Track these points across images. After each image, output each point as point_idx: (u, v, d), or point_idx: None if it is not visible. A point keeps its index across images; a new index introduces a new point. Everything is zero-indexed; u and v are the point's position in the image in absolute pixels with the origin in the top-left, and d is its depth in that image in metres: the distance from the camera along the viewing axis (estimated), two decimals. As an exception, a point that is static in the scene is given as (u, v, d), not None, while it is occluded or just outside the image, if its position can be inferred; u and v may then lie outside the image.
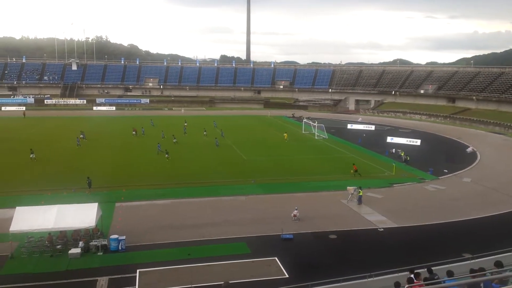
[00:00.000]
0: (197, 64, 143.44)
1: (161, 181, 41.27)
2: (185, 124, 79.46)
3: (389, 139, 67.06)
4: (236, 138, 67.94)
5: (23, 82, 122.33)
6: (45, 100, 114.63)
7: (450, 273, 14.46)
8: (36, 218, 24.96)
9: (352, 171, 45.14)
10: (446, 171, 47.60)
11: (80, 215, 25.55)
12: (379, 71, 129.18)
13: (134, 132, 67.55)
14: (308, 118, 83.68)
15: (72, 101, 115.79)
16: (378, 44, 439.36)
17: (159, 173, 44.53)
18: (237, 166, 48.88)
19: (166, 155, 51.52)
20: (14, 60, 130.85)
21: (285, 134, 68.09)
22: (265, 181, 42.04)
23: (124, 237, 25.75)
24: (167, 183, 40.86)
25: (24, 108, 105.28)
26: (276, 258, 24.61)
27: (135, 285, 21.49)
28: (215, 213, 32.34)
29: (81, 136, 62.54)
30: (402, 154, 53.89)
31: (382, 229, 29.70)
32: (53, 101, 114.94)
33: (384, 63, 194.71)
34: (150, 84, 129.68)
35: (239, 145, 61.52)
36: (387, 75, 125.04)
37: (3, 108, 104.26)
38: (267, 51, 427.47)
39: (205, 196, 36.59)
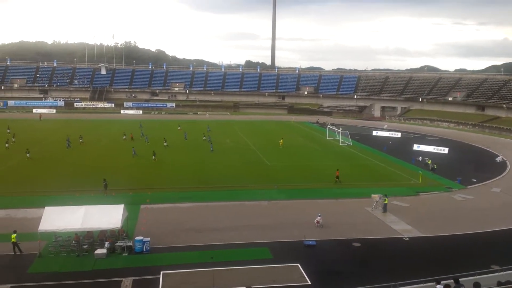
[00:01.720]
0: (222, 70, 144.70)
1: (185, 184, 41.70)
2: (179, 128, 79.72)
3: (415, 147, 65.96)
4: (260, 143, 68.07)
5: (54, 85, 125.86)
6: (75, 104, 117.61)
7: (477, 285, 14.12)
8: (64, 218, 25.55)
9: (335, 178, 44.04)
10: (474, 180, 46.46)
11: (107, 216, 26.00)
12: (406, 78, 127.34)
13: (124, 137, 66.61)
14: (332, 124, 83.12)
15: (100, 104, 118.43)
16: (405, 50, 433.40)
17: (183, 176, 45.02)
18: (260, 171, 48.92)
19: (153, 157, 52.29)
20: (45, 64, 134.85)
21: (280, 140, 66.33)
22: (288, 187, 41.97)
23: (148, 239, 26.12)
24: (191, 186, 41.28)
25: (54, 111, 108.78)
26: (298, 264, 24.47)
27: (159, 287, 21.73)
28: (237, 218, 32.45)
29: (80, 140, 62.26)
30: (429, 162, 52.89)
31: (407, 238, 29.19)
32: (82, 104, 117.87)
33: (411, 69, 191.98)
34: (176, 89, 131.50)
35: (262, 150, 61.61)
36: (414, 82, 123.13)
37: (34, 111, 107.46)
38: (292, 56, 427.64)
39: (228, 200, 36.77)
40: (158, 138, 66.67)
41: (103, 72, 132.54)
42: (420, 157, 57.61)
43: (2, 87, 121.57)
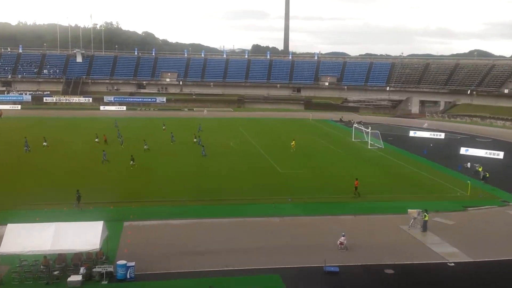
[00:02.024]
0: (224, 56, 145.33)
1: (178, 197, 41.88)
2: (164, 128, 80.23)
3: (463, 151, 65.73)
4: (270, 146, 68.34)
5: (19, 76, 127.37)
6: (44, 98, 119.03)
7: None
8: (30, 238, 25.68)
9: (354, 189, 43.52)
10: (536, 192, 46.18)
11: (83, 236, 26.09)
12: (451, 65, 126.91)
13: (96, 139, 66.73)
14: (359, 123, 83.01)
15: (75, 99, 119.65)
16: (450, 31, 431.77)
17: (175, 187, 45.28)
18: (270, 180, 49.00)
19: (131, 162, 52.71)
20: (9, 50, 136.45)
21: (292, 142, 65.95)
22: (305, 200, 42.01)
23: (133, 264, 26.22)
24: (186, 199, 41.43)
25: (19, 107, 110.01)
26: (317, 295, 24.46)
27: (145, 322, 21.81)
28: (243, 238, 32.49)
29: (44, 143, 62.45)
30: (480, 169, 52.59)
31: (452, 264, 29.03)
32: (54, 99, 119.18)
33: (457, 54, 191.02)
34: (168, 80, 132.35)
35: (273, 154, 61.73)
36: (461, 70, 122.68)
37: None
38: (310, 40, 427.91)
39: (231, 217, 36.87)
40: (138, 140, 66.93)
41: (79, 59, 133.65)
42: (469, 163, 57.30)
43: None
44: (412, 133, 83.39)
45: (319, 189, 46.05)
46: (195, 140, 68.56)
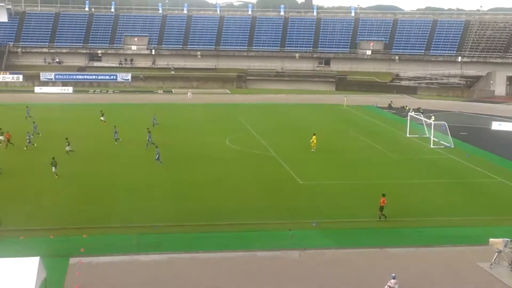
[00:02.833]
0: (217, 12, 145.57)
1: (149, 220, 41.80)
2: (102, 119, 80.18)
3: None
4: (285, 145, 68.71)
5: None
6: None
7: None
8: None
9: (379, 211, 43.36)
10: None
11: (9, 278, 26.11)
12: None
13: (1, 137, 66.06)
14: (417, 110, 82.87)
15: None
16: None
17: (147, 205, 45.28)
18: (286, 196, 49.15)
19: (53, 169, 52.69)
20: None
21: (313, 138, 65.30)
22: (336, 225, 42.15)
23: (83, 320, 26.35)
24: (161, 224, 41.31)
25: None
26: None
27: None
28: (246, 281, 32.46)
29: None
30: None
31: (556, 320, 29.05)
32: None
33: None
34: (134, 48, 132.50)
35: (289, 158, 61.91)
36: None
37: None
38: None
39: (227, 250, 36.92)
40: (61, 138, 64.95)
41: (3, 18, 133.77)
42: None
43: None
44: (496, 125, 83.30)
45: (358, 208, 46.07)
46: (148, 139, 66.82)
